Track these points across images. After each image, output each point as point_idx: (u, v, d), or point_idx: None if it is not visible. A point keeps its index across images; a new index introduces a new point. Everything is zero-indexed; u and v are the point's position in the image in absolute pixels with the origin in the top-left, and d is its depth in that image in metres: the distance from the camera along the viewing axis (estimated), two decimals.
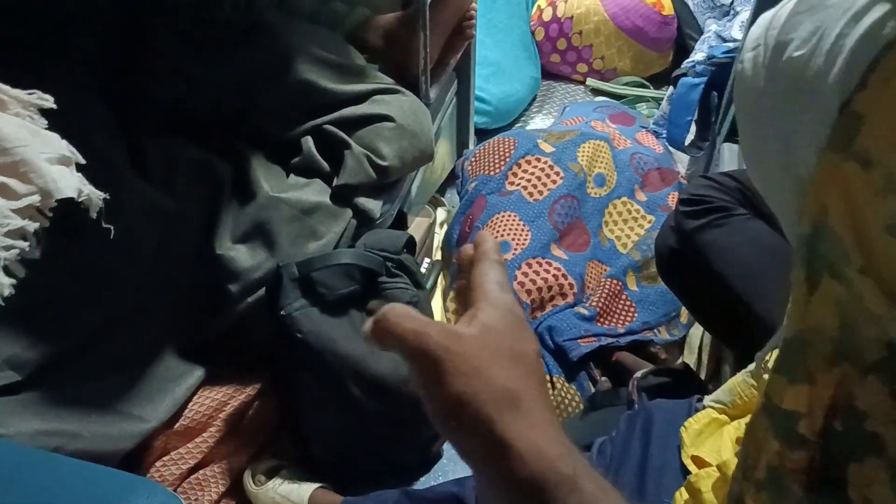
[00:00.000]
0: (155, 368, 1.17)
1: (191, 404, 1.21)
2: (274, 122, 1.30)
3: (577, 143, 1.60)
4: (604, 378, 1.26)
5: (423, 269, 1.50)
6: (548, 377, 1.24)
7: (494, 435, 0.41)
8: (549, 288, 1.33)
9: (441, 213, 1.76)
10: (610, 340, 1.28)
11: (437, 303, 1.52)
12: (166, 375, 1.18)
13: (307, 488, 1.18)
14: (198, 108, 1.26)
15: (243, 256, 1.19)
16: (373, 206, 1.28)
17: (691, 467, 0.73)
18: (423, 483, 1.29)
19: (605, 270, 1.45)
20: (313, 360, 1.11)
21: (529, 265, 1.35)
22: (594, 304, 1.35)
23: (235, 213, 1.21)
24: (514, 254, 1.36)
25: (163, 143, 1.21)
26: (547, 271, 1.34)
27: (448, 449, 1.34)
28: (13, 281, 0.51)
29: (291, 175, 1.27)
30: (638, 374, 1.03)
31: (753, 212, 0.91)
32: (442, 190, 1.82)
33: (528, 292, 1.31)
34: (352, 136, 1.27)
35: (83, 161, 0.59)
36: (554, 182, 1.50)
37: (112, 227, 0.64)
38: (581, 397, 1.22)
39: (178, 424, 1.19)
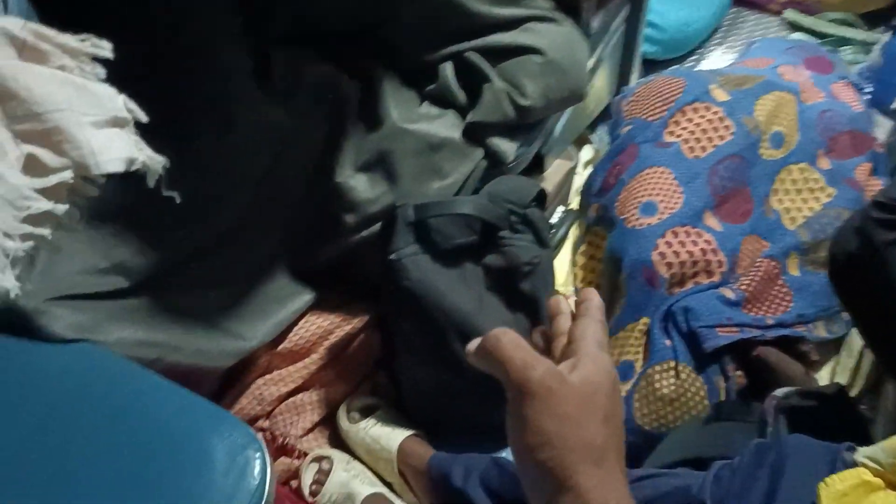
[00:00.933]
0: (262, 288, 1.15)
1: (296, 328, 1.19)
2: (412, 42, 1.19)
3: (758, 94, 1.38)
4: (738, 374, 1.10)
5: (554, 219, 1.38)
6: (672, 364, 1.10)
7: (571, 482, 0.44)
8: (694, 263, 1.17)
9: (586, 153, 1.60)
10: (755, 333, 1.12)
11: (565, 255, 1.40)
12: (273, 296, 1.16)
13: (398, 435, 1.14)
14: (331, 16, 1.16)
15: (363, 187, 1.13)
16: (507, 147, 1.16)
17: None
18: None
19: (764, 248, 1.25)
20: (417, 309, 1.04)
21: (675, 234, 1.19)
22: (744, 287, 1.18)
23: (359, 139, 1.14)
24: (659, 219, 1.20)
25: (290, 53, 1.14)
26: (695, 243, 1.18)
27: None
28: (19, 284, 0.45)
29: (424, 103, 1.17)
30: (779, 392, 0.88)
31: None
32: (592, 126, 1.65)
33: (669, 265, 1.16)
34: (495, 67, 1.15)
35: (144, 118, 0.52)
36: (722, 138, 1.30)
37: (176, 194, 0.57)
38: (707, 393, 1.08)
39: (281, 346, 1.18)
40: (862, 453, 0.69)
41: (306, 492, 1.12)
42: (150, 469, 0.82)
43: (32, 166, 0.45)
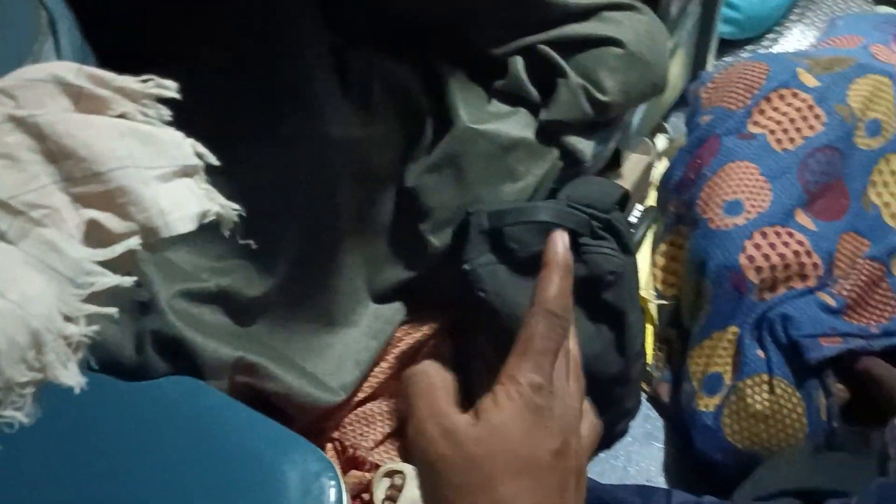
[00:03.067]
0: (348, 329, 1.13)
1: None
2: (480, 35, 1.12)
3: (851, 78, 1.27)
4: (841, 388, 1.02)
5: (632, 218, 1.31)
6: (766, 377, 1.03)
7: None
8: (787, 266, 1.08)
9: (661, 142, 1.52)
10: (860, 343, 1.03)
11: (644, 255, 1.32)
12: (359, 338, 1.13)
13: None
14: (409, 11, 1.10)
15: (433, 191, 1.08)
16: (584, 146, 1.10)
17: None
18: (603, 461, 1.16)
19: (865, 249, 1.16)
20: (494, 322, 0.99)
21: (765, 235, 1.10)
22: (844, 292, 1.09)
23: (429, 141, 1.09)
24: (746, 219, 1.12)
25: (363, 55, 1.08)
26: (787, 244, 1.10)
27: (635, 427, 1.19)
28: (85, 379, 0.40)
29: (493, 101, 1.11)
30: None
31: None
32: (665, 114, 1.57)
33: (758, 270, 1.08)
34: (569, 61, 1.08)
35: (216, 162, 0.47)
36: (812, 128, 1.20)
37: (251, 242, 0.53)
38: (805, 410, 1.01)
39: None
40: None
41: None
42: (224, 496, 0.81)
43: (94, 235, 0.41)
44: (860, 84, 1.27)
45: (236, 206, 0.50)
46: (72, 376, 0.38)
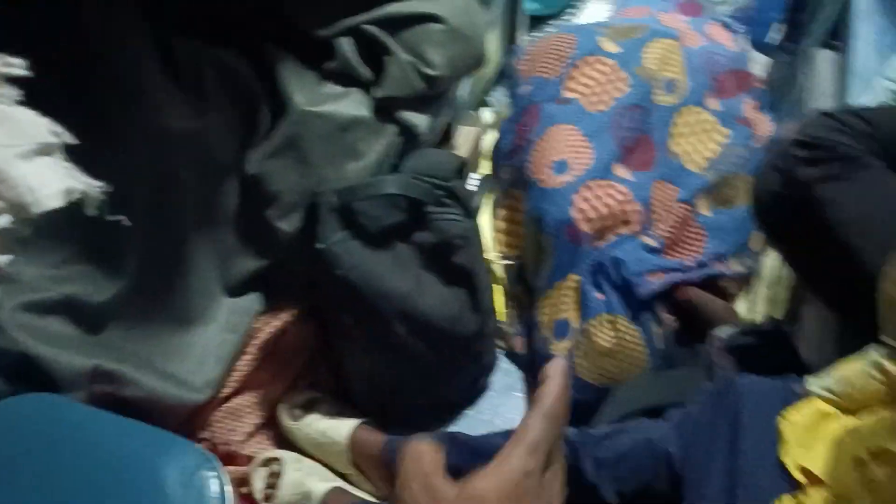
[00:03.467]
0: (204, 327, 1.10)
1: None
2: (304, 18, 1.13)
3: (645, 43, 1.41)
4: (671, 318, 1.15)
5: (471, 187, 1.37)
6: (608, 317, 1.13)
7: None
8: (613, 215, 1.19)
9: (487, 116, 1.60)
10: (681, 276, 1.16)
11: (484, 221, 1.39)
12: (218, 333, 1.11)
13: (347, 425, 1.11)
14: None
15: (277, 176, 1.08)
16: (419, 120, 1.14)
17: (798, 476, 0.63)
18: (471, 418, 1.22)
19: (675, 194, 1.30)
20: (355, 297, 1.02)
21: (590, 188, 1.21)
22: (662, 232, 1.22)
23: (267, 128, 1.08)
24: (573, 175, 1.22)
25: (190, 44, 1.06)
26: (610, 196, 1.21)
27: (496, 381, 1.27)
28: None
29: (327, 83, 1.13)
30: (721, 333, 0.92)
31: (888, 164, 0.76)
32: (487, 89, 1.65)
33: (589, 220, 1.18)
34: (395, 38, 1.11)
35: (71, 140, 0.46)
36: (619, 90, 1.33)
37: (123, 217, 0.52)
38: (644, 340, 1.12)
39: None
40: (813, 384, 0.73)
41: (259, 497, 1.08)
42: None
43: None
44: (653, 48, 1.41)
45: (99, 184, 0.48)
46: None
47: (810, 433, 0.67)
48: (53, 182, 0.43)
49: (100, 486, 0.78)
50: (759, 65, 1.58)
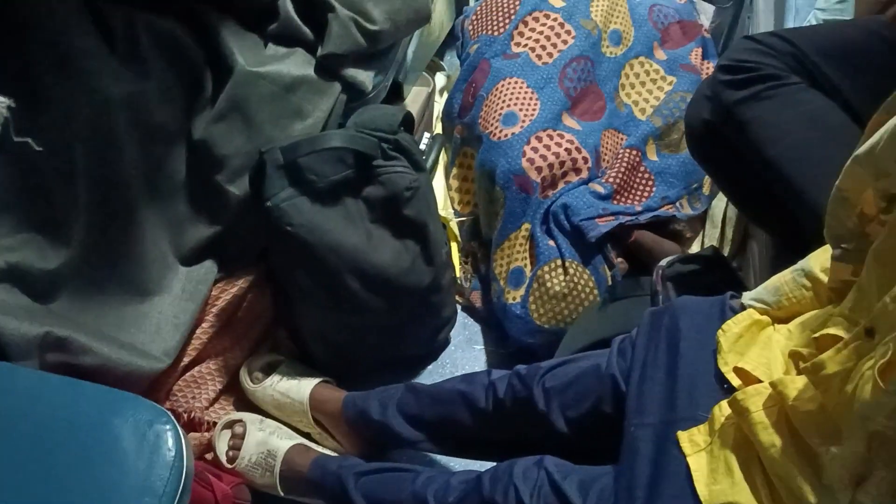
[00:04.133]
0: (160, 297, 1.10)
1: None
2: None
3: None
4: (620, 260, 1.16)
5: (422, 146, 1.38)
6: (559, 262, 1.15)
7: None
8: (562, 164, 1.21)
9: (440, 79, 1.60)
10: (629, 219, 1.18)
11: (439, 181, 1.40)
12: (174, 301, 1.11)
13: (308, 384, 1.12)
14: None
15: (223, 140, 1.08)
16: (364, 77, 1.14)
17: (734, 381, 0.65)
18: (432, 371, 1.24)
19: (623, 140, 1.32)
20: (306, 254, 1.02)
21: (539, 139, 1.22)
22: (611, 179, 1.23)
23: (210, 92, 1.08)
24: (521, 126, 1.23)
25: (122, 9, 1.05)
26: (559, 144, 1.22)
27: (456, 335, 1.28)
28: None
29: (269, 44, 1.13)
30: (663, 262, 0.94)
31: (809, 82, 0.77)
32: (440, 53, 1.65)
33: (539, 170, 1.19)
34: None
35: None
36: (565, 42, 1.34)
37: (29, 140, 0.52)
38: (595, 283, 1.14)
39: None
40: (747, 297, 0.74)
41: (223, 459, 1.08)
42: (57, 468, 0.78)
43: None
44: (598, 1, 1.42)
45: (5, 100, 0.48)
46: None
47: (745, 340, 0.69)
48: None
49: (54, 447, 0.78)
50: (706, 14, 1.60)
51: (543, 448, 0.80)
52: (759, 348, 0.66)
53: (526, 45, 1.35)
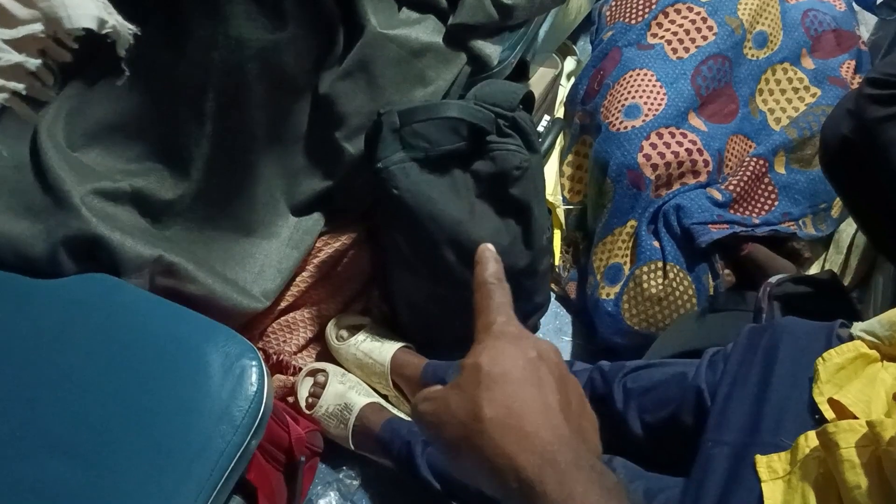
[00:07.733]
0: (269, 240, 1.14)
1: None
2: None
3: None
4: (727, 272, 1.11)
5: (540, 128, 1.36)
6: (660, 264, 1.11)
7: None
8: (680, 164, 1.16)
9: (570, 64, 1.58)
10: (744, 230, 1.12)
11: (552, 166, 1.38)
12: (282, 247, 1.16)
13: (390, 347, 1.14)
14: None
15: (345, 97, 1.10)
16: (491, 51, 1.13)
17: (828, 413, 0.61)
18: None
19: (752, 148, 1.25)
20: (407, 220, 1.03)
21: (660, 135, 1.18)
22: (731, 187, 1.18)
23: (341, 49, 1.10)
24: (643, 120, 1.19)
25: None
26: (680, 144, 1.17)
27: (546, 323, 1.26)
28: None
29: (403, 8, 1.14)
30: (773, 279, 0.88)
31: None
32: (575, 37, 1.62)
33: (654, 167, 1.15)
34: None
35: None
36: (705, 38, 1.28)
37: (126, 71, 0.54)
38: (695, 291, 1.09)
39: None
40: (858, 327, 0.69)
41: (303, 404, 1.12)
42: (147, 382, 0.83)
43: (1, 18, 0.42)
44: None
45: (132, 27, 0.51)
46: None
47: (847, 372, 0.64)
48: (88, 6, 0.45)
49: (147, 361, 0.83)
50: (866, 26, 1.49)
51: (615, 448, 0.78)
52: (862, 384, 0.61)
53: (662, 37, 1.30)
